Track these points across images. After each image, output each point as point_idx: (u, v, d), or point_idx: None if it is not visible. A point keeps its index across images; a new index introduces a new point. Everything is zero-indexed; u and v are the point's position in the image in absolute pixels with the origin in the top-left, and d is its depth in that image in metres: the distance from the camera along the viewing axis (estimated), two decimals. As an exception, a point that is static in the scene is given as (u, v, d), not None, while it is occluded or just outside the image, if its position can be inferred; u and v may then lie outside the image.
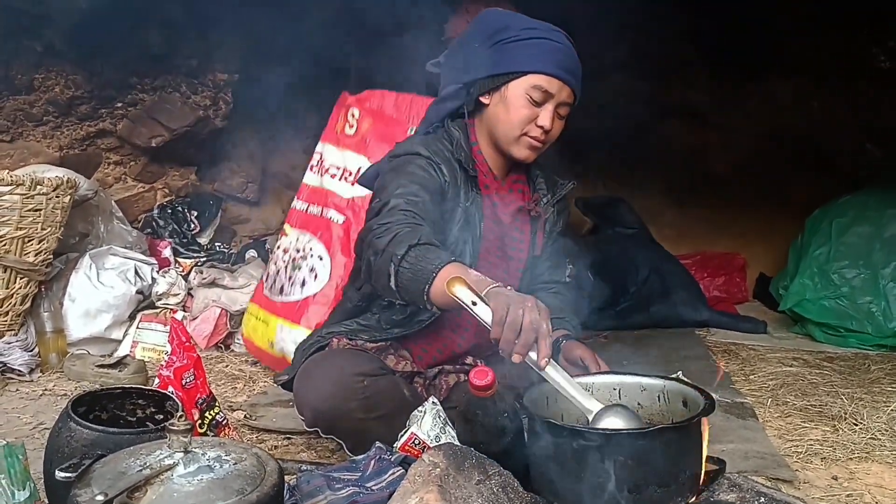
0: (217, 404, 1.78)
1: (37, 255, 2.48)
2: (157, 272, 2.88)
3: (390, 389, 1.68)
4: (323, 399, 1.63)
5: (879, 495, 1.73)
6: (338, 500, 1.39)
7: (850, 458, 1.93)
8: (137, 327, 2.73)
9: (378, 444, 1.54)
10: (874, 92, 3.98)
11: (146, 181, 3.35)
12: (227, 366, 2.66)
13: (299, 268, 2.54)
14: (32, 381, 2.38)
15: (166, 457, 1.15)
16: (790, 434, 2.11)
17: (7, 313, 2.46)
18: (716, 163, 4.40)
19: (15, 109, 2.91)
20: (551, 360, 1.32)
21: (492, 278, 1.39)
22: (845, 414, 2.24)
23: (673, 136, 4.41)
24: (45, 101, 2.95)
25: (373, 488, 1.42)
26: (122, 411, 1.57)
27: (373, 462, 1.49)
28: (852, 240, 3.33)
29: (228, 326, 2.85)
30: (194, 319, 2.82)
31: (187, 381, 1.70)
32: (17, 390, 2.30)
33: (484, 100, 1.78)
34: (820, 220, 3.51)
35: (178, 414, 1.47)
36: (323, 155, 2.69)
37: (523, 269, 1.88)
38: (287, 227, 2.70)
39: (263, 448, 1.60)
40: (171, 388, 1.66)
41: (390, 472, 1.46)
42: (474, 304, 1.32)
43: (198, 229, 3.32)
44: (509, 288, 1.36)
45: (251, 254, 3.31)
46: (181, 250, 3.17)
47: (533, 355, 1.30)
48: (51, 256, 2.56)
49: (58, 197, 2.50)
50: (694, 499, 1.34)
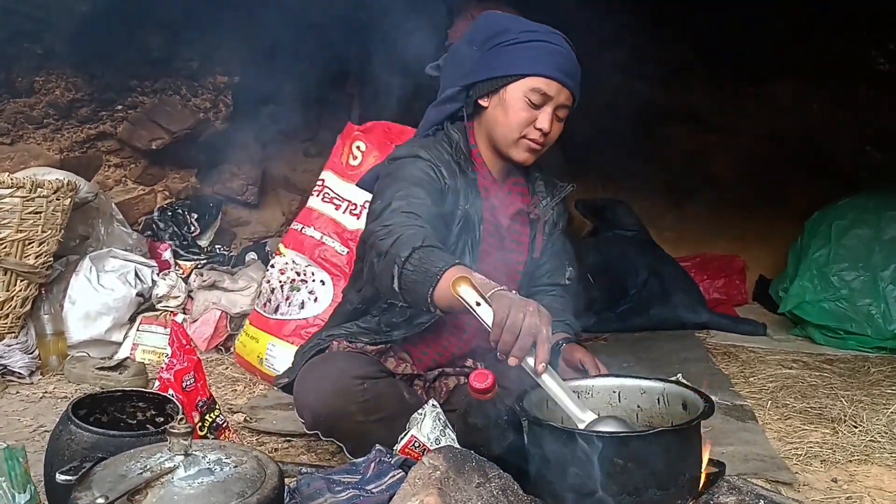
0: (217, 407, 1.78)
1: (37, 257, 2.48)
2: (158, 274, 2.88)
3: (390, 392, 1.68)
4: (323, 402, 1.63)
5: (879, 498, 1.73)
6: (338, 503, 1.39)
7: (850, 461, 1.93)
8: (137, 330, 2.73)
9: (378, 446, 1.54)
10: (874, 94, 3.98)
11: (146, 184, 3.36)
12: (227, 368, 2.66)
13: (298, 289, 2.56)
14: (33, 383, 2.39)
15: (167, 459, 1.15)
16: (790, 436, 2.11)
17: (7, 316, 2.46)
18: (715, 165, 4.40)
19: (15, 112, 2.92)
20: (549, 368, 1.32)
21: (491, 280, 1.39)
22: (845, 416, 2.25)
23: (673, 139, 4.41)
24: (45, 104, 2.95)
25: (373, 491, 1.43)
26: (123, 414, 1.57)
27: (373, 465, 1.49)
28: (852, 242, 3.33)
29: (228, 329, 2.86)
30: (194, 322, 2.82)
31: (187, 383, 1.70)
32: (18, 393, 2.30)
33: (483, 102, 1.78)
34: (819, 222, 3.51)
35: (179, 417, 1.48)
36: (326, 183, 2.70)
37: (522, 272, 1.88)
38: (282, 248, 2.68)
39: (263, 451, 1.60)
40: (171, 391, 1.66)
41: (390, 474, 1.46)
42: (478, 304, 1.32)
43: (198, 232, 3.33)
44: (514, 292, 1.36)
45: (251, 256, 3.31)
46: (181, 253, 3.17)
47: (531, 360, 1.30)
48: (51, 259, 2.56)
49: (58, 199, 2.50)
50: (693, 502, 1.34)
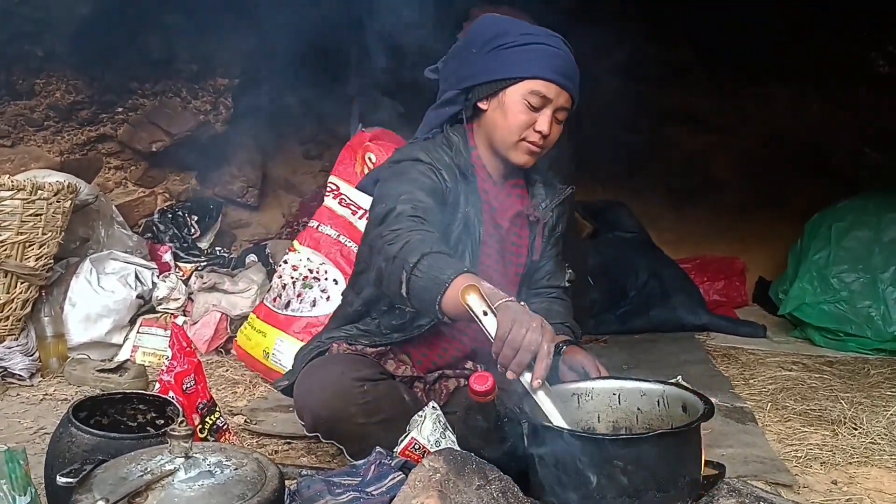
0: (217, 409, 1.78)
1: (37, 259, 2.48)
2: (158, 277, 2.88)
3: (390, 394, 1.68)
4: (323, 404, 1.63)
5: (879, 500, 1.73)
6: (338, 505, 1.39)
7: (850, 463, 1.93)
8: (138, 332, 2.73)
9: (378, 448, 1.54)
10: (873, 96, 3.99)
11: (147, 186, 3.36)
12: (227, 370, 2.66)
13: (310, 287, 2.59)
14: (33, 385, 2.39)
15: (167, 462, 1.16)
16: (790, 438, 2.11)
17: (8, 318, 2.46)
18: (715, 167, 4.41)
19: (16, 114, 2.92)
20: (545, 384, 1.32)
21: (490, 282, 1.40)
22: (845, 418, 2.25)
23: (672, 140, 4.41)
24: (45, 106, 2.95)
25: (373, 493, 1.43)
26: (123, 416, 1.57)
27: (373, 467, 1.49)
28: (851, 244, 3.33)
29: (229, 331, 2.86)
30: (195, 324, 2.82)
31: (188, 385, 1.70)
32: (18, 395, 2.30)
33: (482, 105, 1.78)
34: (819, 224, 3.51)
35: (179, 419, 1.48)
36: (341, 190, 2.73)
37: (522, 274, 1.88)
38: (297, 244, 2.72)
39: (264, 453, 1.61)
40: (171, 393, 1.66)
41: (390, 476, 1.46)
42: (485, 314, 1.32)
43: (198, 234, 3.33)
44: (522, 304, 1.36)
45: (251, 258, 3.31)
46: (181, 255, 3.17)
47: (528, 376, 1.30)
48: (51, 261, 2.56)
49: (58, 202, 2.50)
50: (693, 504, 1.34)
